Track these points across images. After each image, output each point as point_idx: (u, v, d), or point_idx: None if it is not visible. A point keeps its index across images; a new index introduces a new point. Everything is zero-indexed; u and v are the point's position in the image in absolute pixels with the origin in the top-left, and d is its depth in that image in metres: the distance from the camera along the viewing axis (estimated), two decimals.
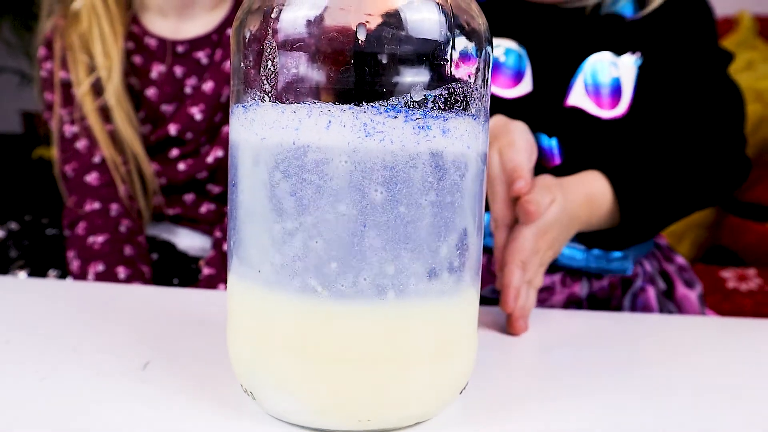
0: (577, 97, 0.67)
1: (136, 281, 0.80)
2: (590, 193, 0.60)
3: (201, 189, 0.93)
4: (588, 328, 0.55)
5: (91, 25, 0.86)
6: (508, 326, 0.52)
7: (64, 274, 0.85)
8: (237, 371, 0.34)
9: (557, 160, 0.68)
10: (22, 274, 0.83)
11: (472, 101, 0.32)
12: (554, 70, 0.68)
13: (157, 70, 0.91)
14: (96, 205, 0.86)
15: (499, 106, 0.67)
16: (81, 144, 0.88)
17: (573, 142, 0.67)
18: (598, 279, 0.69)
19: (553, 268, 0.68)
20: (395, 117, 0.29)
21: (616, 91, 0.67)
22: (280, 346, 0.31)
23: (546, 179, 0.57)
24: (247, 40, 0.31)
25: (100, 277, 0.80)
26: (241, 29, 0.32)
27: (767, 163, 1.52)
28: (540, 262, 0.55)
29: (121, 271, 0.80)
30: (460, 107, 0.31)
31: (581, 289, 0.68)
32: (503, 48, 0.68)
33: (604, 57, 0.67)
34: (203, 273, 0.84)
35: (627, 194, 0.61)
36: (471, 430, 0.33)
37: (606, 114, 0.67)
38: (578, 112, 0.67)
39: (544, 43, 0.68)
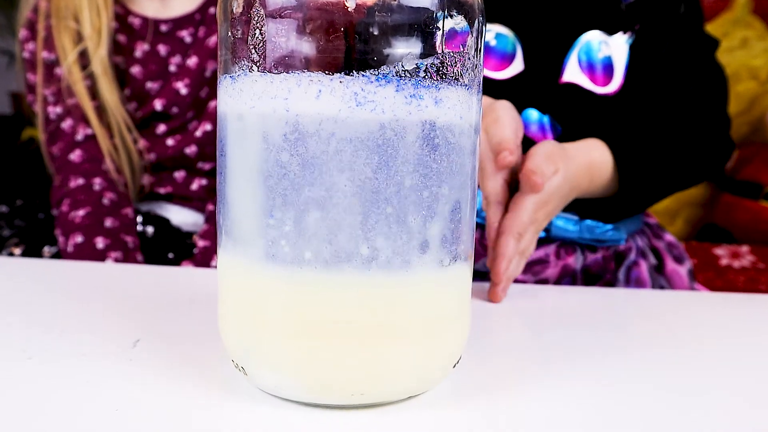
0: (572, 74, 0.67)
1: (117, 251, 0.80)
2: (592, 161, 0.61)
3: (191, 166, 0.93)
4: (581, 303, 0.55)
5: None
6: (489, 293, 0.53)
7: (59, 251, 0.86)
8: (228, 347, 0.34)
9: (549, 137, 0.68)
10: (18, 251, 0.83)
11: (464, 71, 0.31)
12: (546, 50, 0.68)
13: (141, 48, 0.91)
14: (80, 181, 0.86)
15: (490, 86, 0.67)
16: (66, 124, 0.88)
17: (567, 118, 0.67)
18: (592, 251, 0.69)
19: (547, 239, 0.68)
20: (386, 86, 0.29)
21: (608, 68, 0.68)
22: (272, 321, 0.31)
23: (549, 147, 0.57)
24: (234, 8, 0.31)
25: (78, 248, 0.81)
26: None
27: (761, 141, 1.53)
28: (536, 230, 0.56)
29: (100, 242, 0.81)
30: (452, 77, 0.31)
31: (575, 261, 0.68)
32: (494, 33, 0.68)
33: (596, 36, 0.67)
34: (198, 246, 0.85)
35: (627, 161, 0.62)
36: (464, 404, 0.33)
37: (599, 90, 0.67)
38: (573, 87, 0.67)
39: (536, 25, 0.68)
